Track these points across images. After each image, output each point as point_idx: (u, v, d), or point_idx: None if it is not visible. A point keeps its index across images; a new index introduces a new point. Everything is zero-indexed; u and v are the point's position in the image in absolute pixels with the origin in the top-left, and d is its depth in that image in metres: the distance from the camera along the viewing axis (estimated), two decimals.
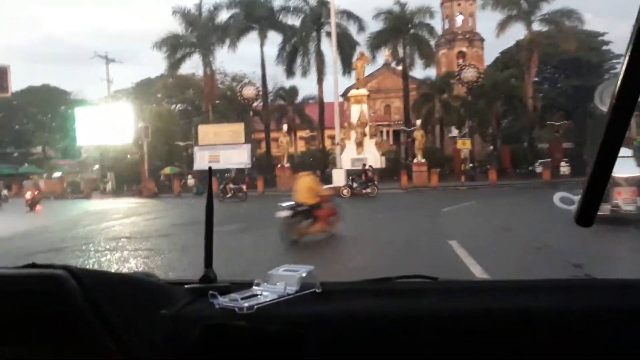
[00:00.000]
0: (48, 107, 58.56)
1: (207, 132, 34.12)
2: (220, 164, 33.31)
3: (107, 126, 34.21)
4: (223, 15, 36.38)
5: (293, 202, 9.35)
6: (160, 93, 47.82)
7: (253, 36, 35.74)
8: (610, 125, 0.62)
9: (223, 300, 0.88)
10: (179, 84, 44.04)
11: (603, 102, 10.73)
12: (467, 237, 9.07)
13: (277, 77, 38.59)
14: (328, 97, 36.28)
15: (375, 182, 23.18)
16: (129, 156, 37.82)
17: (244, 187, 24.12)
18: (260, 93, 35.32)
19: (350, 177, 24.31)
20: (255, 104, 38.63)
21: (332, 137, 38.45)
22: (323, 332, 0.84)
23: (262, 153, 38.81)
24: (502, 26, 34.35)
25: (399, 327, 0.84)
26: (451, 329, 0.83)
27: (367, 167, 24.49)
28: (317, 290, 0.92)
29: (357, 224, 12.28)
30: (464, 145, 30.55)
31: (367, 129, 31.47)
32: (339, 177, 25.81)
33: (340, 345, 0.84)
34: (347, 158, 29.45)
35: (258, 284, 0.95)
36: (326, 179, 32.61)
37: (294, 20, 35.97)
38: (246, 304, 0.86)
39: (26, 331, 0.86)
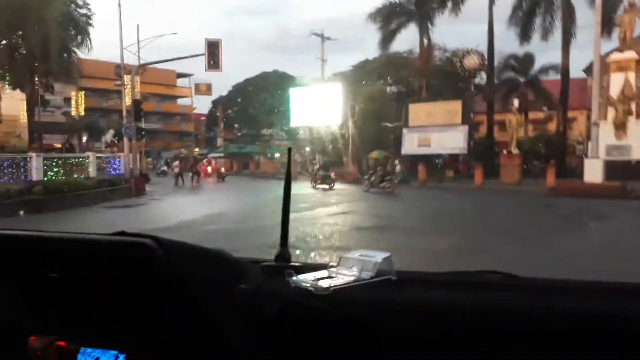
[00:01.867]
0: (277, 91, 61.85)
1: (418, 111, 29.75)
2: (431, 148, 28.82)
3: (317, 107, 33.39)
4: None
5: None
6: (374, 73, 45.72)
7: None
8: None
9: (299, 279, 0.89)
10: (393, 62, 41.02)
11: None
12: None
13: (503, 51, 31.45)
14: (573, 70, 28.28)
15: (395, 177, 20.64)
16: (335, 138, 35.96)
17: (332, 174, 23.06)
18: (485, 63, 29.20)
19: (370, 170, 22.23)
20: (477, 79, 32.70)
21: (572, 120, 30.46)
22: (397, 319, 0.85)
23: (481, 137, 32.81)
24: None
25: (473, 321, 0.84)
26: (527, 326, 0.82)
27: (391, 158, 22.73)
28: (392, 278, 0.91)
29: None
30: None
31: (633, 106, 23.00)
32: (593, 170, 18.77)
33: (412, 334, 0.84)
34: (601, 145, 21.78)
35: (333, 267, 0.94)
36: (565, 171, 25.48)
37: None
38: (322, 285, 0.86)
39: (113, 294, 0.92)
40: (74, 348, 1.00)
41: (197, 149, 57.40)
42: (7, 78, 21.95)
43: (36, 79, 21.97)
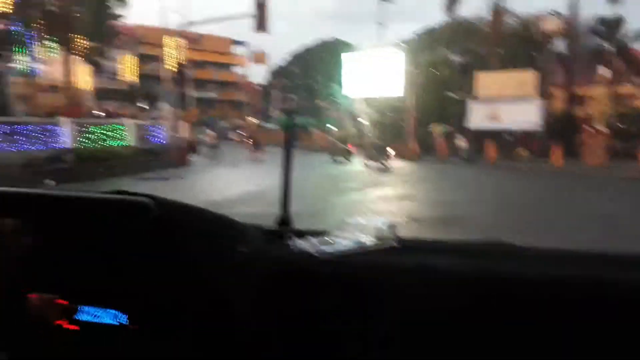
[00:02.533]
0: (336, 60, 59.52)
1: (486, 81, 26.82)
2: (500, 123, 25.96)
3: (374, 75, 30.95)
4: None
5: None
6: (440, 41, 42.47)
7: None
8: None
9: (300, 243, 0.90)
10: (461, 29, 37.70)
11: None
12: None
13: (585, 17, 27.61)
14: None
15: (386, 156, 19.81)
16: (394, 109, 33.49)
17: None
18: (566, 27, 25.66)
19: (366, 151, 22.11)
20: (555, 47, 29.09)
21: None
22: (398, 284, 0.84)
23: (558, 112, 29.40)
24: None
25: (475, 287, 0.83)
26: (529, 294, 0.82)
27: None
28: (395, 244, 0.91)
29: None
30: None
31: None
32: None
33: (413, 298, 0.84)
34: None
35: (335, 232, 0.94)
36: None
37: None
38: (324, 249, 0.86)
39: (112, 252, 0.92)
40: (73, 306, 0.97)
41: (253, 119, 56.42)
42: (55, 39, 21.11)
43: (72, 39, 20.98)
